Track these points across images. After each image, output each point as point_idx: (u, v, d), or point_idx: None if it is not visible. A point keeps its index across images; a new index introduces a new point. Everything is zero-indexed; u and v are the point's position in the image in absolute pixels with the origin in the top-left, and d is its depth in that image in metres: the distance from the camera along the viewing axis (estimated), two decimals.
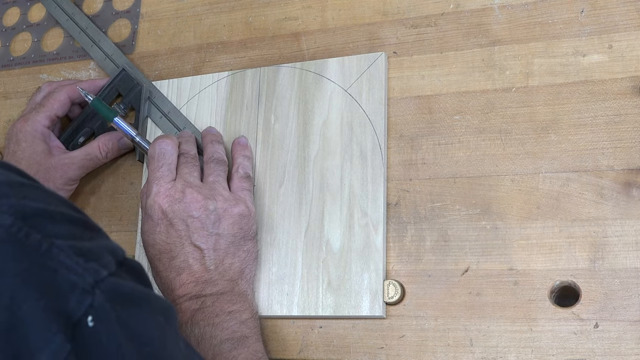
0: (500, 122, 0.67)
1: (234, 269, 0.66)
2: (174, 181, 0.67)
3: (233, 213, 0.67)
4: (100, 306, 0.38)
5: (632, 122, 0.63)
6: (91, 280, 0.38)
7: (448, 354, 0.62)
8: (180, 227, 0.66)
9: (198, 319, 0.63)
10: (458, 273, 0.64)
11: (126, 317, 0.40)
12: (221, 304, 0.64)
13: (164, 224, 0.66)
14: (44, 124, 0.76)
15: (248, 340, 0.63)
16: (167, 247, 0.66)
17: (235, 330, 0.63)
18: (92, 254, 0.40)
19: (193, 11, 0.84)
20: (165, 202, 0.66)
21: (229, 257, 0.66)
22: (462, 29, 0.71)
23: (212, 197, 0.67)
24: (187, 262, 0.65)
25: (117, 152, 0.79)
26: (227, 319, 0.63)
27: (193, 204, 0.66)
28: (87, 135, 0.80)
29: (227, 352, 0.61)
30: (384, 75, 0.71)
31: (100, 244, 0.41)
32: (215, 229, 0.66)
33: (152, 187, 0.67)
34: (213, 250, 0.66)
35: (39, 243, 0.38)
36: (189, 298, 0.64)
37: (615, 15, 0.67)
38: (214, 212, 0.66)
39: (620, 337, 0.59)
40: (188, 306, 0.64)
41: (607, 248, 0.61)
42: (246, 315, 0.65)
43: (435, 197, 0.67)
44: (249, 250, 0.68)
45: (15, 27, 0.93)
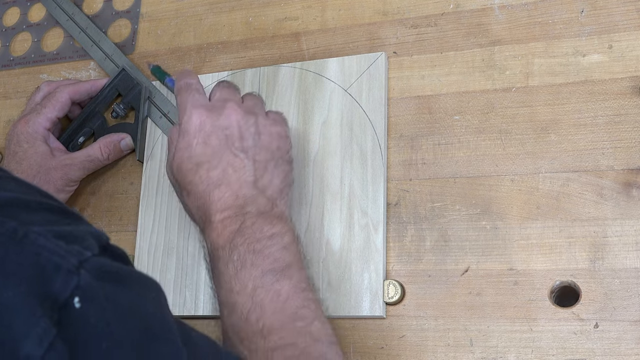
0: (500, 122, 0.67)
1: (274, 186, 0.64)
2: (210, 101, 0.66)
3: (272, 131, 0.65)
4: (87, 285, 0.37)
5: (632, 122, 0.63)
6: (75, 260, 0.38)
7: (448, 354, 0.62)
8: (219, 136, 0.63)
9: (237, 243, 0.60)
10: (458, 273, 0.64)
11: (115, 295, 0.39)
12: (261, 225, 0.61)
13: (202, 136, 0.63)
14: (44, 125, 0.77)
15: (291, 269, 0.59)
16: (205, 157, 0.63)
17: (278, 259, 0.59)
18: (74, 237, 0.39)
19: (193, 11, 0.84)
20: (204, 113, 0.64)
21: (268, 173, 0.64)
22: (462, 29, 0.71)
23: (251, 113, 0.65)
24: (226, 171, 0.62)
25: (119, 153, 0.79)
26: (268, 245, 0.60)
27: (233, 115, 0.64)
28: (87, 135, 0.80)
29: (269, 285, 0.58)
30: (384, 75, 0.72)
31: (82, 229, 0.41)
32: (255, 142, 0.64)
33: (187, 105, 0.65)
34: (253, 162, 0.63)
35: (14, 230, 0.37)
36: (227, 216, 0.61)
37: (615, 15, 0.67)
38: (254, 125, 0.64)
39: (620, 337, 0.59)
40: (226, 225, 0.61)
41: (607, 248, 0.61)
42: (288, 239, 0.61)
43: (435, 197, 0.67)
44: (286, 173, 0.66)
45: (15, 27, 0.93)
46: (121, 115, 0.80)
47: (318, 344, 0.56)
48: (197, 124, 0.63)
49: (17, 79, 0.90)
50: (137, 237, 0.75)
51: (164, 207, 0.75)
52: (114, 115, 0.80)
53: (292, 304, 0.57)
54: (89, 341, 0.37)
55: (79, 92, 0.80)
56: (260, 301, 0.57)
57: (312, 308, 0.58)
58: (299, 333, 0.56)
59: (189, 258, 0.72)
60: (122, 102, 0.80)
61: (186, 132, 0.64)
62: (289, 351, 0.54)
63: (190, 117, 0.64)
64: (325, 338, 0.57)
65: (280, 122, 0.67)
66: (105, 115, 0.81)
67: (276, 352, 0.54)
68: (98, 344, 0.37)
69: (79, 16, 0.87)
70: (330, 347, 0.57)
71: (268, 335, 0.55)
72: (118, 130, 0.79)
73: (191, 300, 0.71)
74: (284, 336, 0.55)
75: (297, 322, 0.56)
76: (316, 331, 0.57)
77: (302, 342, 0.55)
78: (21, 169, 0.74)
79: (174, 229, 0.74)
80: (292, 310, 0.57)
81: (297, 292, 0.58)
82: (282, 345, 0.55)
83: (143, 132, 0.78)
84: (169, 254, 0.73)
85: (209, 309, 0.70)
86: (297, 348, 0.55)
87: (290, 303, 0.57)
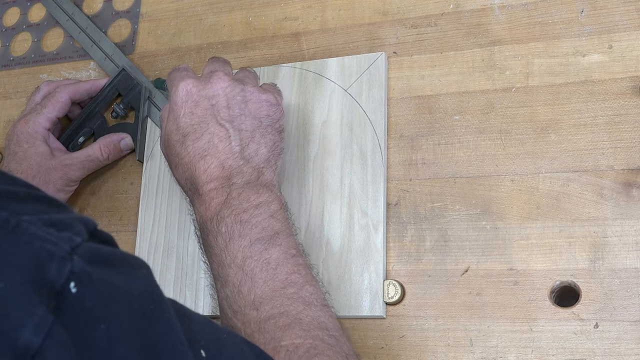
0: (500, 122, 0.67)
1: (260, 155, 0.64)
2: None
3: (261, 98, 0.65)
4: (80, 270, 0.38)
5: (632, 122, 0.63)
6: (67, 247, 0.38)
7: (448, 354, 0.62)
8: (205, 106, 0.63)
9: (224, 215, 0.60)
10: (458, 273, 0.64)
11: (109, 277, 0.39)
12: (248, 194, 0.61)
13: (189, 106, 0.64)
14: (44, 125, 0.77)
15: (279, 236, 0.60)
16: (192, 128, 0.63)
17: (265, 227, 0.60)
18: (63, 224, 0.39)
19: (193, 11, 0.84)
20: (190, 83, 0.64)
21: (254, 142, 0.64)
22: (462, 29, 0.71)
23: (240, 82, 0.66)
24: (211, 142, 0.63)
25: (119, 153, 0.79)
26: (255, 214, 0.60)
27: (220, 83, 0.64)
28: (87, 135, 0.80)
29: (258, 255, 0.58)
30: (384, 75, 0.71)
31: (70, 216, 0.41)
32: (242, 110, 0.64)
33: (175, 80, 0.66)
34: (239, 131, 0.63)
35: (6, 220, 0.37)
36: (214, 188, 0.61)
37: (615, 15, 0.67)
38: (241, 94, 0.65)
39: (620, 337, 0.59)
40: (213, 197, 0.61)
41: (607, 248, 0.61)
42: (275, 207, 0.62)
43: (435, 197, 0.67)
44: (275, 142, 0.66)
45: (15, 27, 0.93)
46: (121, 115, 0.80)
47: (310, 309, 0.56)
48: (183, 94, 0.64)
49: (17, 79, 0.90)
50: (137, 237, 0.75)
51: (164, 207, 0.75)
52: (114, 115, 0.80)
53: (282, 271, 0.58)
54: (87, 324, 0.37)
55: (79, 92, 0.80)
56: (251, 271, 0.57)
57: (303, 273, 0.59)
58: (291, 299, 0.56)
59: (189, 258, 0.72)
60: (122, 102, 0.80)
61: (174, 104, 0.64)
62: (281, 320, 0.55)
63: (177, 89, 0.64)
64: (317, 301, 0.57)
65: (272, 91, 0.67)
66: (105, 115, 0.81)
67: (268, 322, 0.55)
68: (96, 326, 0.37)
69: (79, 16, 0.87)
70: (322, 309, 0.57)
71: (260, 306, 0.56)
72: (118, 130, 0.79)
73: (191, 300, 0.71)
74: (276, 305, 0.56)
75: (288, 289, 0.57)
76: (308, 295, 0.57)
77: (294, 309, 0.56)
78: (21, 169, 0.74)
79: (174, 229, 0.74)
80: (282, 277, 0.57)
81: (287, 258, 0.59)
82: (273, 314, 0.55)
83: (143, 132, 0.78)
84: (169, 254, 0.73)
85: (209, 309, 0.70)
86: (289, 316, 0.55)
87: (280, 270, 0.58)
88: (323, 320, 0.56)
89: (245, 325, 0.56)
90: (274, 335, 0.54)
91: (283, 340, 0.54)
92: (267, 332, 0.54)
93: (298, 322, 0.55)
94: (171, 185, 0.75)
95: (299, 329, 0.54)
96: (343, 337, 0.57)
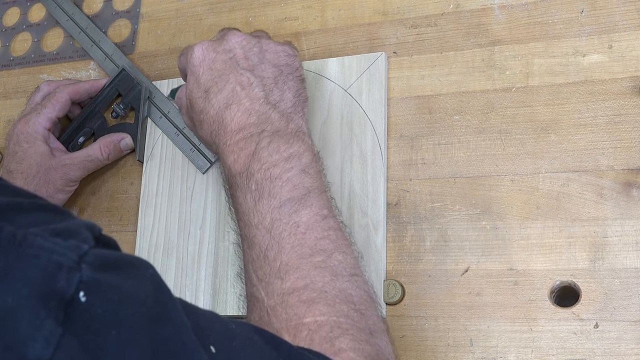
0: (500, 122, 0.67)
1: (286, 100, 0.63)
2: None
3: (277, 49, 0.66)
4: (89, 279, 0.38)
5: (632, 122, 0.63)
6: (75, 256, 0.38)
7: (448, 354, 0.62)
8: (223, 59, 0.64)
9: (254, 170, 0.58)
10: (458, 273, 0.64)
11: (117, 282, 0.39)
12: (277, 144, 0.59)
13: (207, 63, 0.64)
14: (44, 125, 0.77)
15: (310, 195, 0.58)
16: (213, 82, 0.63)
17: (297, 185, 0.58)
18: (69, 232, 0.39)
19: (193, 11, 0.84)
20: (206, 43, 0.65)
21: (277, 88, 0.63)
22: (462, 29, 0.71)
23: (255, 36, 0.66)
24: (234, 90, 0.62)
25: (119, 153, 0.79)
26: (287, 168, 0.58)
27: (234, 38, 0.65)
28: (87, 135, 0.80)
29: (287, 217, 0.56)
30: (384, 75, 0.71)
31: (75, 222, 0.41)
32: (260, 60, 0.64)
33: (189, 47, 0.66)
34: (260, 78, 0.63)
35: (13, 234, 0.37)
36: (242, 138, 0.60)
37: (615, 15, 0.67)
38: (257, 45, 0.65)
39: (620, 337, 0.59)
40: (242, 148, 0.60)
41: (607, 248, 0.61)
42: (306, 159, 0.60)
43: (435, 197, 0.67)
44: (298, 89, 0.65)
45: (15, 27, 0.93)
46: (121, 115, 0.80)
47: (337, 280, 0.54)
48: (199, 54, 0.64)
49: (17, 79, 0.90)
50: (137, 237, 0.75)
51: (164, 207, 0.75)
52: (114, 115, 0.80)
53: (311, 236, 0.56)
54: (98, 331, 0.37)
55: (79, 92, 0.80)
56: (279, 235, 0.56)
57: (333, 238, 0.57)
58: (318, 269, 0.54)
59: (189, 258, 0.72)
60: (122, 102, 0.80)
61: (192, 66, 0.64)
62: (305, 294, 0.53)
63: (193, 51, 0.65)
64: (345, 271, 0.55)
65: (288, 44, 0.67)
66: (105, 115, 0.81)
67: (292, 295, 0.53)
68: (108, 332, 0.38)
69: (79, 16, 0.87)
70: (350, 280, 0.55)
71: (285, 275, 0.54)
72: (118, 130, 0.79)
73: (191, 300, 0.71)
74: (302, 275, 0.54)
75: (315, 257, 0.55)
76: (336, 264, 0.55)
77: (320, 280, 0.54)
78: (21, 169, 0.74)
79: (174, 229, 0.74)
80: (311, 243, 0.56)
81: (318, 221, 0.57)
82: (298, 287, 0.54)
83: (143, 132, 0.78)
84: (169, 254, 0.73)
85: (209, 309, 0.70)
86: (314, 289, 0.53)
87: (309, 235, 0.56)
88: (350, 292, 0.54)
89: (269, 296, 0.54)
90: (297, 311, 0.53)
91: (306, 317, 0.52)
92: (290, 306, 0.53)
93: (323, 296, 0.53)
94: (171, 185, 0.75)
95: (323, 304, 0.53)
96: (370, 308, 0.55)
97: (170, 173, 0.76)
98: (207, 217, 0.73)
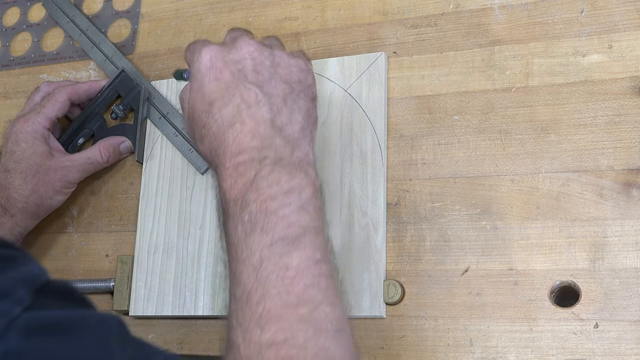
0: (500, 122, 0.67)
1: (294, 123, 0.58)
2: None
3: (290, 63, 0.61)
4: (16, 349, 0.34)
5: (632, 122, 0.63)
6: (3, 322, 0.35)
7: (448, 354, 0.62)
8: (232, 70, 0.58)
9: (250, 199, 0.54)
10: (458, 273, 0.64)
11: (51, 348, 0.36)
12: (279, 175, 0.55)
13: (214, 72, 0.59)
14: (44, 125, 0.76)
15: (306, 235, 0.53)
16: (218, 94, 0.58)
17: (292, 222, 0.53)
18: (1, 292, 0.36)
19: (193, 11, 0.84)
20: (214, 49, 0.59)
21: (287, 108, 0.58)
22: (462, 29, 0.71)
23: (267, 46, 0.61)
24: (240, 108, 0.57)
25: (119, 156, 0.79)
26: (284, 203, 0.53)
27: (246, 47, 0.59)
28: (87, 136, 0.80)
29: (277, 258, 0.52)
30: (384, 75, 0.71)
31: (12, 276, 0.38)
32: (271, 75, 0.59)
33: (196, 48, 0.61)
34: (269, 96, 0.58)
35: None
36: (242, 162, 0.55)
37: (615, 15, 0.67)
38: (269, 57, 0.60)
39: (620, 337, 0.59)
40: (240, 173, 0.55)
41: (607, 248, 0.61)
42: (307, 194, 0.55)
43: (435, 197, 0.67)
44: (309, 109, 0.60)
45: (15, 27, 0.93)
46: (120, 117, 0.80)
47: (321, 336, 0.50)
48: (207, 60, 0.59)
49: (17, 79, 0.90)
50: (137, 237, 0.75)
51: (164, 207, 0.75)
52: (114, 116, 0.80)
53: (300, 282, 0.52)
54: None
55: (78, 93, 0.80)
56: (266, 278, 0.52)
57: (323, 286, 0.53)
58: (302, 322, 0.50)
59: (189, 258, 0.72)
60: (121, 103, 0.80)
61: (197, 72, 0.59)
62: (283, 350, 0.49)
63: (200, 56, 0.59)
64: (331, 326, 0.51)
65: (302, 57, 0.63)
66: (105, 117, 0.81)
67: (270, 349, 0.50)
68: None
69: (79, 18, 0.87)
70: (335, 336, 0.51)
71: (266, 324, 0.50)
72: (117, 131, 0.79)
73: (191, 300, 0.71)
74: (283, 328, 0.50)
75: (301, 308, 0.51)
76: (322, 318, 0.51)
77: (302, 336, 0.50)
78: (20, 168, 0.74)
79: (174, 229, 0.74)
80: (299, 291, 0.51)
81: (309, 265, 0.52)
82: (277, 341, 0.49)
83: (142, 133, 0.78)
84: (169, 254, 0.73)
85: (208, 309, 0.70)
86: (294, 345, 0.50)
87: (298, 281, 0.52)
88: (332, 352, 0.50)
89: (246, 344, 0.50)
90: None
91: None
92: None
93: (302, 355, 0.50)
94: (171, 185, 0.75)
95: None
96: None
97: (169, 173, 0.76)
98: (207, 216, 0.73)
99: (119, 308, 0.73)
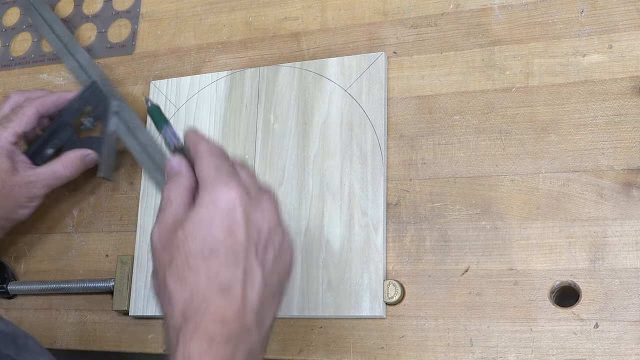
0: (500, 122, 0.67)
1: (268, 320, 0.54)
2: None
3: (289, 245, 0.57)
4: None
5: (632, 122, 0.63)
6: None
7: (448, 354, 0.62)
8: (249, 233, 0.53)
9: None
10: (458, 273, 0.64)
11: None
12: None
13: (229, 222, 0.52)
14: (10, 140, 0.75)
15: None
16: (223, 249, 0.52)
17: None
18: None
19: (193, 11, 0.84)
20: (243, 194, 0.53)
21: (271, 303, 0.54)
22: (462, 29, 0.71)
23: (280, 223, 0.56)
24: (236, 281, 0.52)
25: (83, 168, 0.77)
26: None
27: (270, 213, 0.54)
28: (56, 147, 0.78)
29: None
30: (384, 75, 0.71)
31: None
32: (275, 257, 0.55)
33: (223, 170, 0.54)
34: (265, 284, 0.53)
35: None
36: (219, 343, 0.50)
37: (615, 15, 0.67)
38: (280, 236, 0.55)
39: (620, 337, 0.59)
40: (215, 350, 0.50)
41: (607, 248, 0.61)
42: None
43: (435, 197, 0.67)
44: (281, 301, 0.57)
45: (15, 27, 0.93)
46: (90, 128, 0.77)
47: None
48: (230, 202, 0.53)
49: (17, 79, 0.90)
50: (137, 237, 0.75)
51: None
52: (83, 128, 0.77)
53: None
54: None
55: (46, 105, 0.78)
56: None
57: None
58: None
59: None
60: (91, 115, 0.78)
61: (212, 204, 0.53)
62: None
63: (220, 194, 0.53)
64: None
65: (287, 231, 0.57)
66: (75, 128, 0.79)
67: None
68: None
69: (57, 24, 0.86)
70: None
71: None
72: (86, 143, 0.77)
73: None
74: None
75: None
76: None
77: None
78: None
79: None
80: None
81: None
82: None
83: (109, 147, 0.77)
84: None
85: None
86: None
87: None
88: None
89: None
90: None
91: None
92: None
93: None
94: None
95: None
96: None
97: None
98: None
99: (119, 308, 0.73)
